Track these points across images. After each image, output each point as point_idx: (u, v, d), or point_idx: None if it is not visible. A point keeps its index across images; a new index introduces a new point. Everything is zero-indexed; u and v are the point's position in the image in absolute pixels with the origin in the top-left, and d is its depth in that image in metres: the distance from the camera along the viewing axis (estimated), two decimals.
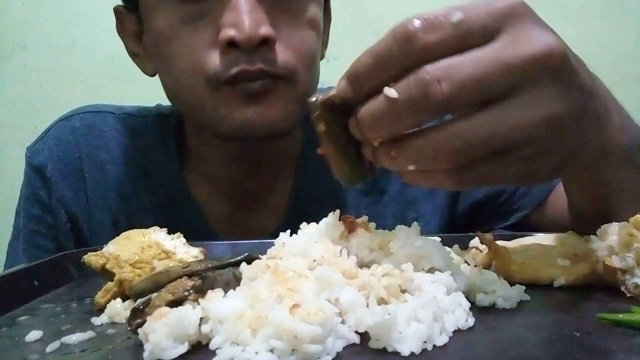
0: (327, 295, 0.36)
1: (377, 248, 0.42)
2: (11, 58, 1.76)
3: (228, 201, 0.83)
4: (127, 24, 0.78)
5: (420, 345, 0.33)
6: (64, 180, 0.83)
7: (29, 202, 0.85)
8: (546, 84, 0.38)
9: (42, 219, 0.84)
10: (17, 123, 1.75)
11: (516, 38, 0.37)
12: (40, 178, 0.84)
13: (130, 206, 0.83)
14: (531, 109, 0.38)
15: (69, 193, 0.83)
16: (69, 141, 0.85)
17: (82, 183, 0.83)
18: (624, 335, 0.35)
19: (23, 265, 0.57)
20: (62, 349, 0.37)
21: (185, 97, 0.72)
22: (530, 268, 0.48)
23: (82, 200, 0.83)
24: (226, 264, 0.43)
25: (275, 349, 0.32)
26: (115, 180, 0.84)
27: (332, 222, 0.46)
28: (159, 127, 0.87)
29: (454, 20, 0.37)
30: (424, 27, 0.38)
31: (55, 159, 0.84)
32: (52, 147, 0.85)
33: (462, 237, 0.56)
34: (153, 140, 0.86)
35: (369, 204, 0.85)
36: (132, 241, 0.50)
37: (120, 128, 0.87)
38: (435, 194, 0.85)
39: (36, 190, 0.84)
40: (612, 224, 0.45)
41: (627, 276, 0.43)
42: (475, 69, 0.37)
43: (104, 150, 0.85)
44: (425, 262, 0.42)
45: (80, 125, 0.86)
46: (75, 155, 0.84)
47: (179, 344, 0.34)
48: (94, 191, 0.84)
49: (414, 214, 0.85)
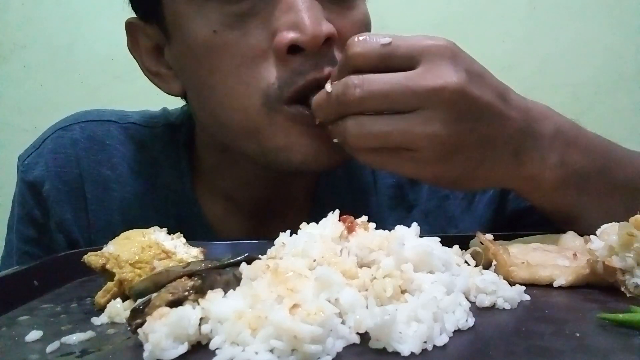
0: (327, 296, 0.36)
1: (377, 248, 0.42)
2: (11, 58, 1.76)
3: (245, 220, 0.76)
4: (142, 39, 0.69)
5: (420, 345, 0.33)
6: (63, 201, 0.75)
7: (22, 222, 0.77)
8: (439, 110, 0.49)
9: (38, 241, 0.76)
10: (17, 123, 1.75)
11: (427, 71, 0.49)
12: (35, 196, 0.76)
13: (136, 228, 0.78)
14: (421, 124, 0.49)
15: (69, 215, 0.75)
16: (68, 155, 0.76)
17: (83, 203, 0.75)
18: (624, 335, 0.35)
19: (23, 265, 0.57)
20: (62, 349, 0.37)
21: (236, 121, 0.61)
22: (530, 268, 0.48)
23: (84, 224, 0.75)
24: (226, 264, 0.43)
25: (275, 349, 0.32)
26: (120, 200, 0.76)
27: (332, 222, 0.46)
28: (169, 140, 0.78)
29: (382, 42, 0.50)
30: (358, 42, 0.51)
31: (53, 175, 0.75)
32: (48, 162, 0.76)
33: (462, 237, 0.56)
34: (162, 154, 0.77)
35: (398, 219, 0.75)
36: (132, 241, 0.50)
37: (125, 140, 0.78)
38: (474, 207, 0.81)
39: (31, 210, 0.76)
40: (612, 224, 0.45)
41: (627, 276, 0.43)
42: (384, 85, 0.50)
43: (108, 166, 0.76)
44: (425, 262, 0.42)
45: (81, 137, 0.77)
46: (75, 171, 0.75)
47: (179, 344, 0.34)
48: (97, 212, 0.75)
49: (454, 229, 0.80)
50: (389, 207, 0.81)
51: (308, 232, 0.45)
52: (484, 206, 0.81)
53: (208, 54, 0.59)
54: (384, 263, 0.40)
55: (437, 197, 0.81)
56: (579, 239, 0.54)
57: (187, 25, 0.60)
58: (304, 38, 0.55)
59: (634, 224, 0.42)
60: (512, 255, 0.50)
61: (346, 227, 0.45)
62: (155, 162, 0.77)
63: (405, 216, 0.81)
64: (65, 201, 0.75)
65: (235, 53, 0.58)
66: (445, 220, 0.81)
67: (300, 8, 0.55)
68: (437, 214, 0.81)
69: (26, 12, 1.75)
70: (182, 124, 0.79)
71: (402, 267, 0.40)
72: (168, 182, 0.76)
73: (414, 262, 0.41)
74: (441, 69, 0.49)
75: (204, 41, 0.59)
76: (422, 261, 0.41)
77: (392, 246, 0.41)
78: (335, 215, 0.47)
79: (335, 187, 0.79)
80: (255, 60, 0.57)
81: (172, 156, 0.77)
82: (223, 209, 0.76)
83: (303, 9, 0.55)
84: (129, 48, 0.70)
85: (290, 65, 0.57)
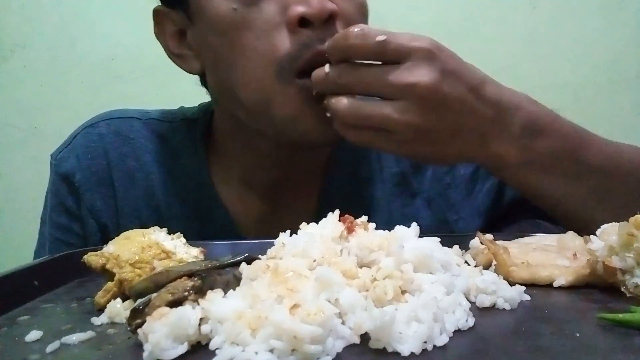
0: (327, 296, 0.36)
1: (377, 248, 0.42)
2: (11, 58, 1.76)
3: (259, 204, 0.83)
4: (168, 24, 0.76)
5: (420, 346, 0.33)
6: (93, 189, 0.82)
7: (55, 211, 0.84)
8: (413, 102, 0.58)
9: (69, 229, 0.83)
10: (17, 123, 1.76)
11: (407, 68, 0.58)
12: (67, 186, 0.83)
13: (160, 214, 0.82)
14: (398, 112, 0.58)
15: (99, 202, 0.82)
16: (97, 148, 0.84)
17: (111, 191, 0.82)
18: (624, 335, 0.35)
19: (23, 265, 0.57)
20: (62, 349, 0.37)
21: (250, 91, 0.68)
22: (530, 268, 0.48)
23: (112, 209, 0.82)
24: (226, 264, 0.43)
25: (275, 349, 0.32)
26: (144, 188, 0.83)
27: (332, 222, 0.46)
28: (186, 132, 0.85)
29: (378, 38, 0.58)
30: (356, 34, 0.59)
31: (83, 167, 0.83)
32: (79, 155, 0.83)
33: (462, 237, 0.56)
34: (181, 145, 0.84)
35: (402, 205, 0.85)
36: (132, 241, 0.50)
37: (147, 134, 0.85)
38: (475, 195, 0.86)
39: (63, 199, 0.83)
40: (612, 224, 0.45)
41: (627, 276, 0.43)
42: (367, 74, 0.59)
43: (132, 158, 0.84)
44: (425, 263, 0.42)
45: (107, 132, 0.85)
46: (103, 163, 0.83)
47: (179, 344, 0.34)
48: (123, 200, 0.83)
49: (455, 215, 0.86)
50: (393, 194, 0.86)
51: (308, 232, 0.45)
52: (484, 195, 0.85)
53: (228, 30, 0.67)
54: (384, 263, 0.40)
55: (439, 185, 0.86)
56: (579, 239, 0.54)
57: (209, 6, 0.68)
58: (312, 11, 0.63)
59: (634, 224, 0.42)
60: (512, 255, 0.50)
61: (346, 227, 0.45)
62: (175, 152, 0.84)
63: (410, 202, 0.86)
64: (95, 190, 0.82)
65: (252, 27, 0.65)
66: (447, 207, 0.86)
67: None
68: (439, 201, 0.86)
69: (26, 12, 1.75)
70: (198, 118, 0.86)
71: (402, 267, 0.40)
72: (187, 170, 0.83)
73: (414, 263, 0.41)
74: (418, 68, 0.58)
75: (224, 18, 0.66)
76: (421, 262, 0.41)
77: (392, 247, 0.41)
78: (335, 215, 0.47)
79: (343, 174, 0.85)
80: (270, 33, 0.65)
81: (190, 147, 0.84)
82: (238, 194, 0.83)
83: None
84: (155, 34, 0.77)
85: (300, 37, 0.64)
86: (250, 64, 0.66)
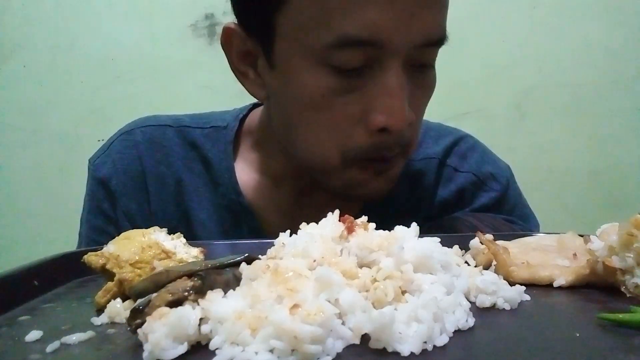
0: (327, 296, 0.36)
1: (377, 248, 0.42)
2: (11, 58, 1.76)
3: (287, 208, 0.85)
4: (237, 41, 0.73)
5: (420, 346, 0.33)
6: (128, 194, 0.86)
7: (92, 213, 0.88)
8: None
9: (105, 231, 0.86)
10: (17, 123, 1.76)
11: None
12: (104, 190, 0.86)
13: (189, 219, 0.85)
14: None
15: (134, 206, 0.86)
16: (132, 155, 0.87)
17: (145, 196, 0.86)
18: (624, 335, 0.35)
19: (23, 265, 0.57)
20: (62, 349, 0.37)
21: (309, 160, 0.72)
22: (530, 268, 0.48)
23: (146, 213, 0.86)
24: (226, 264, 0.43)
25: (275, 349, 0.32)
26: (174, 194, 0.86)
27: (332, 222, 0.46)
28: (216, 139, 0.88)
29: None
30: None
31: (119, 172, 0.86)
32: (115, 161, 0.87)
33: (462, 237, 0.56)
34: (211, 153, 0.87)
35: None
36: (132, 241, 0.50)
37: (179, 141, 0.89)
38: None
39: (100, 203, 0.87)
40: (612, 224, 0.45)
41: (627, 276, 0.43)
42: None
43: (165, 164, 0.87)
44: (425, 263, 0.42)
45: (142, 139, 0.88)
46: (138, 169, 0.86)
47: (179, 344, 0.34)
48: (156, 204, 0.86)
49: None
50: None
51: (308, 232, 0.45)
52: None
53: (308, 106, 0.67)
54: (384, 264, 0.40)
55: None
56: (579, 239, 0.54)
57: (297, 76, 0.67)
58: (395, 126, 0.65)
59: (634, 224, 0.42)
60: (512, 255, 0.50)
61: (346, 227, 0.45)
62: (205, 159, 0.87)
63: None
64: (130, 194, 0.86)
65: (334, 116, 0.66)
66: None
67: (397, 96, 0.64)
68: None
69: (26, 12, 1.75)
70: (228, 125, 0.89)
71: (402, 267, 0.40)
72: (215, 176, 0.86)
73: (414, 263, 0.41)
74: None
75: (311, 97, 0.66)
76: (421, 263, 0.41)
77: (392, 247, 0.41)
78: (335, 215, 0.47)
79: None
80: (346, 125, 0.66)
81: (220, 154, 0.87)
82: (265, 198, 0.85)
83: (400, 97, 0.64)
84: (221, 43, 0.75)
85: (375, 139, 0.66)
86: (318, 142, 0.69)
